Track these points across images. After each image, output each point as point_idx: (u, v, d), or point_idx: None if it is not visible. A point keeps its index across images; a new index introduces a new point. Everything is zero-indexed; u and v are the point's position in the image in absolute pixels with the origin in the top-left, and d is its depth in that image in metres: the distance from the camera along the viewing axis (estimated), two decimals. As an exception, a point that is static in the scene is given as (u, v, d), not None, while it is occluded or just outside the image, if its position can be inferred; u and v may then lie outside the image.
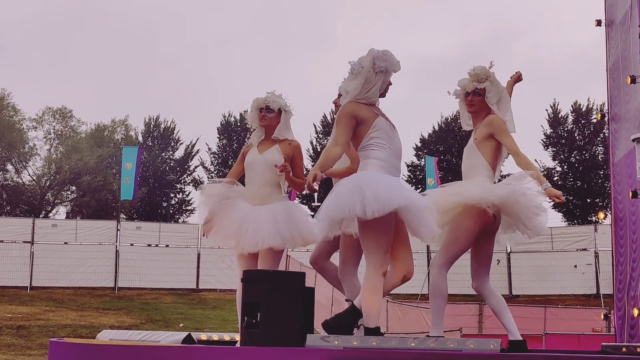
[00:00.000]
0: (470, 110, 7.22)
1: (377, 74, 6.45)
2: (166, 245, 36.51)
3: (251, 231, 6.97)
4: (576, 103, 50.16)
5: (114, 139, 51.29)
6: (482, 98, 7.12)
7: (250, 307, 5.77)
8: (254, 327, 5.73)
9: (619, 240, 12.57)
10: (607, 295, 30.00)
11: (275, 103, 7.42)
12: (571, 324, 25.53)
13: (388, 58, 6.47)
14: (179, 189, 54.97)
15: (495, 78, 7.15)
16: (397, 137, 6.49)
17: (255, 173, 7.32)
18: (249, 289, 5.88)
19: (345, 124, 6.36)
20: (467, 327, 23.70)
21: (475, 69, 7.18)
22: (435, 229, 6.27)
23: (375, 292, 6.21)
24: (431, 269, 7.01)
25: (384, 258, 6.23)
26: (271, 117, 7.42)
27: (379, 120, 6.41)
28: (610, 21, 13.81)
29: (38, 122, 49.60)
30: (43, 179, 49.04)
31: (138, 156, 36.20)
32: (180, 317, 29.95)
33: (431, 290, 6.98)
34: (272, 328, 5.72)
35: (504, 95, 7.22)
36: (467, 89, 7.18)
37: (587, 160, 48.85)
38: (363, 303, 6.20)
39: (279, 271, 6.37)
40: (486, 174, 6.96)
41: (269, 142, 7.44)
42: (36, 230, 34.92)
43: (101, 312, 30.40)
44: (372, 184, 6.09)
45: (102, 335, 6.63)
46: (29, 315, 28.60)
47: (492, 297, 7.05)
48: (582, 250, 36.20)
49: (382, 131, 6.40)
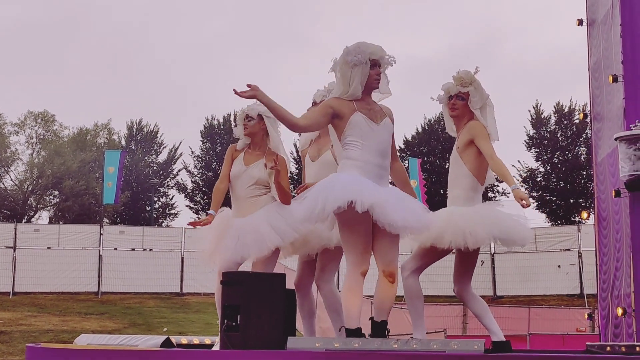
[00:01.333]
0: (453, 114, 7.15)
1: (353, 68, 6.32)
2: (150, 249, 36.35)
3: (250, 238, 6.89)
4: (558, 104, 50.30)
5: (96, 143, 51.13)
6: (465, 102, 7.05)
7: (229, 310, 5.67)
8: (233, 330, 5.64)
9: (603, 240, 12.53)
10: (590, 295, 30.06)
11: (254, 110, 7.38)
12: (555, 324, 25.53)
13: (360, 50, 6.34)
14: (163, 193, 54.78)
15: (479, 84, 7.08)
16: (378, 131, 6.30)
17: (240, 187, 7.28)
18: (228, 291, 5.78)
19: (319, 109, 6.35)
20: (451, 328, 23.68)
21: (460, 72, 7.11)
22: (409, 223, 6.06)
23: (353, 292, 6.11)
24: (402, 272, 6.92)
25: (361, 257, 6.11)
26: (252, 124, 7.37)
27: (354, 117, 6.27)
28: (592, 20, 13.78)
29: (20, 126, 49.39)
30: (25, 183, 48.79)
31: (121, 160, 36.06)
32: (163, 321, 29.81)
33: (406, 294, 6.92)
34: (252, 331, 5.62)
35: (489, 102, 7.16)
36: (450, 92, 7.11)
37: (570, 160, 48.94)
38: (342, 304, 6.13)
39: (258, 273, 6.24)
40: (468, 184, 6.90)
41: (255, 153, 7.39)
42: (18, 235, 34.67)
43: (84, 317, 30.21)
44: (327, 186, 6.07)
45: (80, 339, 6.54)
46: (11, 321, 28.40)
47: (474, 301, 7.00)
48: (566, 251, 36.24)
49: (356, 128, 6.27)
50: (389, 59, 6.46)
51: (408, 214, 6.07)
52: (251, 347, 5.55)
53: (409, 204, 6.20)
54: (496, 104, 7.25)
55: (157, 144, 55.49)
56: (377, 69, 6.38)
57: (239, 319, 5.64)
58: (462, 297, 7.04)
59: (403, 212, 6.05)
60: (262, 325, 5.68)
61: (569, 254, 36.08)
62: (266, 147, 7.41)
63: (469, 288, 7.01)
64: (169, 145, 55.51)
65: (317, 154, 7.49)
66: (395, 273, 6.19)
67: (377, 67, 6.38)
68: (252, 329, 5.64)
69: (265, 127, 7.40)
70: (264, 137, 7.44)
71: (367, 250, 6.17)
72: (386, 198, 6.03)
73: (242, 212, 7.16)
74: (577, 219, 45.17)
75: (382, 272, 6.18)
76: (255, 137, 7.41)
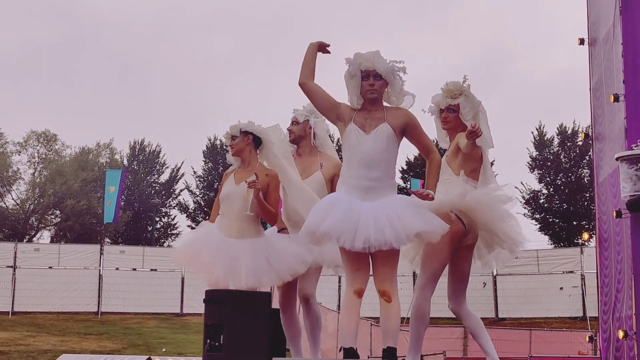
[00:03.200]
0: (445, 128, 7.00)
1: (352, 80, 6.25)
2: (150, 269, 36.18)
3: (227, 265, 6.67)
4: (562, 125, 50.19)
5: (98, 163, 51.10)
6: (456, 114, 6.89)
7: (212, 330, 5.50)
8: (216, 351, 5.46)
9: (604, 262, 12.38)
10: (593, 317, 29.79)
11: (235, 128, 7.23)
12: (557, 347, 25.29)
13: (353, 61, 6.25)
14: (164, 213, 54.68)
15: (469, 92, 6.90)
16: (366, 141, 6.13)
17: (230, 206, 7.05)
18: (211, 310, 5.60)
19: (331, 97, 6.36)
20: (451, 351, 23.44)
21: (449, 84, 6.94)
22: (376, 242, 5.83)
23: (347, 310, 5.98)
24: (415, 292, 6.77)
25: (352, 276, 5.99)
26: (236, 142, 7.20)
27: (348, 128, 6.20)
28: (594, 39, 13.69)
29: (22, 146, 49.37)
30: (27, 203, 48.72)
31: (121, 179, 36.03)
32: (162, 341, 29.63)
33: (413, 313, 6.73)
34: (236, 351, 5.44)
35: (481, 109, 6.98)
36: (440, 105, 6.95)
37: (573, 182, 48.80)
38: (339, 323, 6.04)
39: (243, 291, 6.05)
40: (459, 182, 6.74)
41: (246, 170, 7.17)
42: (18, 254, 34.58)
43: (83, 337, 30.04)
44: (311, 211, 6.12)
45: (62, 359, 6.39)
46: (9, 341, 28.24)
47: (470, 318, 6.83)
48: (569, 273, 36.00)
49: (345, 141, 6.21)
50: (392, 66, 6.26)
51: (378, 230, 5.84)
52: (235, 369, 5.38)
53: (394, 217, 5.92)
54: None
55: (159, 164, 55.44)
56: (370, 79, 6.21)
57: (222, 338, 5.46)
58: (457, 314, 6.87)
59: (381, 225, 5.85)
60: (247, 346, 5.50)
61: (571, 276, 35.85)
62: (257, 162, 7.21)
63: (463, 304, 6.84)
64: (171, 165, 55.60)
65: (304, 173, 7.35)
66: (390, 291, 5.95)
67: (370, 78, 6.21)
68: (235, 349, 5.46)
69: (251, 141, 7.21)
70: (252, 151, 7.23)
71: (360, 268, 6.00)
72: (351, 217, 5.88)
73: (230, 233, 6.95)
74: (579, 241, 44.95)
75: (377, 291, 6.02)
76: (243, 154, 7.22)
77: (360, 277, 5.99)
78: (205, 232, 7.12)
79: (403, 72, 6.31)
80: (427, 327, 6.76)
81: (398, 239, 5.86)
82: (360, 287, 5.99)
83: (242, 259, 6.65)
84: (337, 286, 34.93)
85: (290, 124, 7.55)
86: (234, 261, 6.65)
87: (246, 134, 7.21)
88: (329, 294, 32.78)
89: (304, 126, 7.51)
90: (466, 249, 6.71)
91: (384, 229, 5.83)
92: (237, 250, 6.73)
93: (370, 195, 6.03)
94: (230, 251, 6.73)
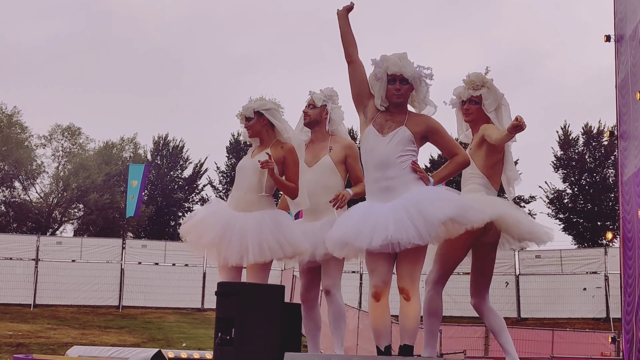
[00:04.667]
0: (467, 120, 6.86)
1: (378, 82, 6.14)
2: (172, 264, 36.18)
3: (235, 241, 6.54)
4: (587, 125, 49.76)
5: (122, 157, 51.20)
6: (479, 106, 6.76)
7: (224, 323, 5.36)
8: (227, 344, 5.33)
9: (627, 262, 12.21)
10: (617, 319, 29.51)
11: (249, 109, 7.05)
12: (580, 348, 25.05)
13: (379, 62, 6.14)
14: (187, 208, 54.70)
15: (492, 84, 6.77)
16: (381, 143, 6.04)
17: (242, 178, 6.94)
18: (223, 302, 5.47)
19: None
20: (472, 350, 23.30)
21: (470, 75, 6.81)
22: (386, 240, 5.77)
23: (371, 313, 5.94)
24: (425, 286, 6.64)
25: (370, 278, 5.96)
26: (252, 124, 7.03)
27: (367, 128, 6.12)
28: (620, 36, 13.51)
29: (47, 139, 49.55)
30: (50, 196, 48.92)
31: (144, 174, 36.01)
32: (183, 336, 29.58)
33: (425, 308, 6.61)
34: (247, 345, 5.32)
35: (504, 102, 6.84)
36: (462, 97, 6.82)
37: (598, 182, 48.36)
38: None
39: (255, 284, 5.91)
40: (480, 182, 6.61)
41: (262, 147, 7.06)
42: (41, 247, 34.70)
43: (103, 330, 30.06)
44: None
45: (72, 351, 6.32)
46: (30, 333, 28.29)
47: (492, 316, 6.69)
48: (592, 273, 35.67)
49: (363, 144, 6.17)
50: (419, 72, 6.13)
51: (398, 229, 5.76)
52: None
53: (415, 213, 5.81)
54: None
55: (182, 159, 55.44)
56: (396, 83, 6.08)
57: (233, 332, 5.33)
58: (480, 311, 6.73)
59: (390, 229, 5.76)
60: (258, 340, 5.37)
61: (595, 277, 35.51)
62: (274, 139, 7.05)
63: (486, 301, 6.71)
64: (194, 160, 55.55)
65: (313, 159, 7.20)
66: (409, 289, 5.83)
67: (396, 82, 6.08)
68: (247, 343, 5.34)
69: (267, 122, 7.04)
70: (269, 132, 7.06)
71: (375, 269, 5.91)
72: (369, 219, 5.86)
73: (239, 206, 6.83)
74: (604, 242, 44.58)
75: (397, 287, 5.92)
76: (261, 135, 7.07)
77: (374, 279, 5.90)
78: (214, 209, 7.01)
79: (429, 78, 6.19)
80: (440, 323, 6.64)
81: (420, 236, 5.74)
82: (375, 290, 5.89)
83: (249, 235, 6.54)
84: (358, 283, 34.82)
85: (306, 106, 7.36)
86: (242, 238, 6.54)
87: (260, 114, 7.05)
88: (350, 292, 32.72)
89: (320, 111, 7.31)
90: (488, 245, 6.57)
91: (406, 227, 5.71)
92: (244, 226, 6.60)
93: (390, 194, 5.92)
94: (237, 227, 6.62)
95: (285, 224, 6.71)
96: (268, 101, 7.21)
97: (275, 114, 7.06)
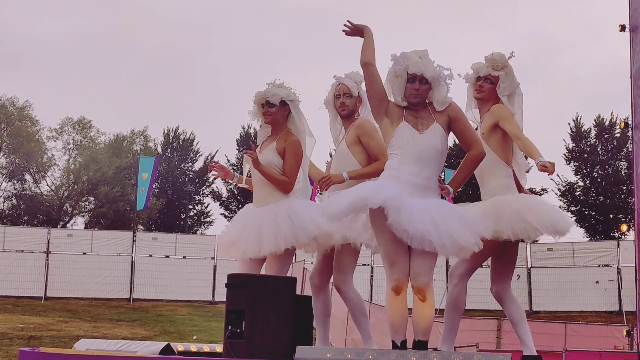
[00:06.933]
0: (478, 96, 6.71)
1: (396, 78, 5.97)
2: (183, 256, 36.19)
3: (252, 235, 6.47)
4: (599, 117, 49.53)
5: (132, 150, 51.22)
6: (493, 86, 6.62)
7: (234, 315, 5.25)
8: (237, 337, 5.23)
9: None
10: (629, 312, 29.39)
11: (275, 96, 6.82)
12: (592, 341, 24.90)
13: (399, 59, 5.97)
14: (198, 201, 54.73)
15: (511, 71, 6.65)
16: (420, 140, 5.86)
17: (256, 173, 6.82)
18: (233, 294, 5.36)
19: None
20: (484, 343, 23.16)
21: (494, 54, 6.68)
22: (428, 236, 5.57)
23: (389, 308, 5.79)
24: (451, 279, 6.50)
25: (390, 271, 5.74)
26: (274, 111, 6.83)
27: (401, 125, 5.92)
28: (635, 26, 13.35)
29: (58, 132, 49.61)
30: (61, 189, 48.98)
31: (154, 166, 35.98)
32: (194, 329, 29.53)
33: (449, 303, 6.48)
34: (257, 338, 5.21)
35: (518, 92, 6.73)
36: (479, 72, 6.67)
37: (610, 175, 48.16)
38: None
39: (266, 276, 5.81)
40: (502, 173, 6.48)
41: (271, 137, 6.94)
42: (52, 240, 34.73)
43: (115, 323, 30.04)
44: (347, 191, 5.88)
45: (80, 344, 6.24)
46: (42, 326, 28.28)
47: (512, 305, 6.55)
48: (605, 266, 35.54)
49: (399, 137, 5.92)
50: (439, 72, 5.97)
51: (433, 228, 5.58)
52: (256, 356, 5.14)
53: (449, 221, 5.67)
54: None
55: (193, 152, 55.46)
56: (416, 83, 5.93)
57: (243, 325, 5.23)
58: (500, 299, 6.59)
59: (427, 225, 5.58)
60: (269, 333, 5.25)
61: (607, 270, 35.38)
62: (284, 130, 6.91)
63: (508, 289, 6.58)
64: (205, 153, 55.54)
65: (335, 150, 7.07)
66: (425, 289, 5.65)
67: (416, 82, 5.93)
68: (257, 336, 5.23)
69: (287, 113, 6.90)
70: (284, 123, 6.91)
71: (397, 262, 5.73)
72: (410, 204, 5.61)
73: (257, 202, 6.77)
74: (616, 234, 44.39)
75: (412, 287, 5.77)
76: (277, 125, 6.91)
77: (396, 272, 5.72)
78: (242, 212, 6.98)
79: (450, 79, 6.03)
80: (461, 317, 6.52)
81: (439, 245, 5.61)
82: (397, 284, 5.72)
83: (265, 228, 6.46)
84: (369, 276, 34.77)
85: (341, 95, 6.95)
86: (258, 231, 6.47)
87: (284, 104, 6.89)
88: (361, 284, 32.61)
89: (356, 100, 6.97)
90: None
91: (429, 229, 5.57)
92: (261, 220, 6.53)
93: (420, 193, 5.75)
94: (254, 222, 6.56)
95: (301, 211, 6.58)
96: (292, 92, 6.99)
97: (298, 108, 6.94)
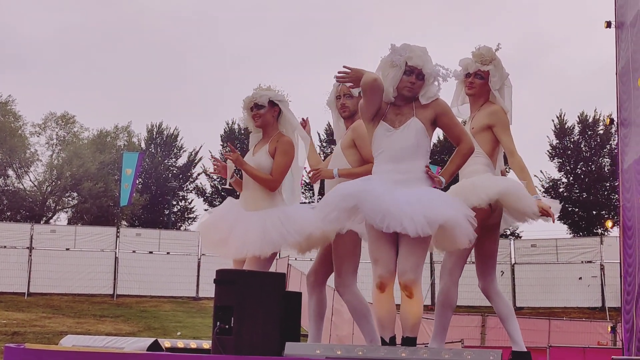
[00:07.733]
0: (469, 93, 6.65)
1: (391, 68, 5.85)
2: (167, 252, 36.12)
3: (239, 237, 6.41)
4: (582, 114, 49.70)
5: (116, 145, 51.02)
6: (484, 82, 6.57)
7: (222, 311, 5.21)
8: (226, 334, 5.19)
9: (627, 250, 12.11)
10: (612, 308, 29.51)
11: (263, 97, 6.74)
12: (576, 337, 25.02)
13: (399, 50, 5.87)
14: (181, 197, 54.60)
15: (500, 63, 6.60)
16: (395, 137, 5.80)
17: (247, 177, 6.74)
18: (222, 290, 5.32)
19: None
20: (469, 339, 23.23)
21: (481, 49, 6.61)
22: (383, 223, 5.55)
23: (375, 306, 5.75)
24: (442, 275, 6.45)
25: (373, 269, 5.70)
26: (263, 112, 6.75)
27: (378, 127, 5.87)
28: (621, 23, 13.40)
29: (41, 127, 49.33)
30: (44, 184, 48.74)
31: (138, 162, 35.90)
32: (178, 325, 29.51)
33: (441, 300, 6.42)
34: (246, 335, 5.16)
35: (508, 83, 6.69)
36: (469, 69, 6.61)
37: (593, 171, 48.36)
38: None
39: (255, 272, 5.73)
40: (482, 162, 6.45)
41: (263, 140, 6.86)
42: (35, 236, 34.59)
43: (98, 319, 29.97)
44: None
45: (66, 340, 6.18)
46: (25, 322, 28.20)
47: (500, 301, 6.52)
48: (588, 263, 35.69)
49: (376, 139, 5.89)
50: (437, 70, 5.91)
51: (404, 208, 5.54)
52: (245, 353, 5.09)
53: (426, 205, 5.60)
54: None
55: (176, 148, 55.31)
56: (412, 77, 5.86)
57: (232, 321, 5.19)
58: (487, 294, 6.56)
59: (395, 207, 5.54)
60: (257, 329, 5.21)
61: (590, 266, 35.54)
62: (276, 132, 6.84)
63: (494, 283, 6.56)
64: (189, 148, 55.42)
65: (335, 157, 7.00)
66: (411, 285, 5.58)
67: (413, 75, 5.86)
68: (246, 332, 5.18)
69: (278, 113, 6.83)
70: (275, 124, 6.84)
71: (379, 259, 5.69)
72: (381, 193, 5.60)
73: (247, 205, 6.68)
74: (599, 231, 44.57)
75: (399, 284, 5.72)
76: (268, 127, 6.83)
77: (379, 269, 5.67)
78: (227, 208, 6.84)
79: (443, 79, 5.98)
80: (452, 314, 6.48)
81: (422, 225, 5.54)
82: (380, 280, 5.68)
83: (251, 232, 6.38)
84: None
85: (342, 96, 6.84)
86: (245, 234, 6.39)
87: (274, 104, 6.83)
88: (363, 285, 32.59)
89: (357, 100, 6.73)
90: (490, 227, 6.42)
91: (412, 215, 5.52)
92: (249, 224, 6.45)
93: (403, 186, 5.71)
94: (242, 225, 6.47)
95: (292, 216, 6.53)
96: (280, 93, 6.91)
97: (287, 107, 6.87)
